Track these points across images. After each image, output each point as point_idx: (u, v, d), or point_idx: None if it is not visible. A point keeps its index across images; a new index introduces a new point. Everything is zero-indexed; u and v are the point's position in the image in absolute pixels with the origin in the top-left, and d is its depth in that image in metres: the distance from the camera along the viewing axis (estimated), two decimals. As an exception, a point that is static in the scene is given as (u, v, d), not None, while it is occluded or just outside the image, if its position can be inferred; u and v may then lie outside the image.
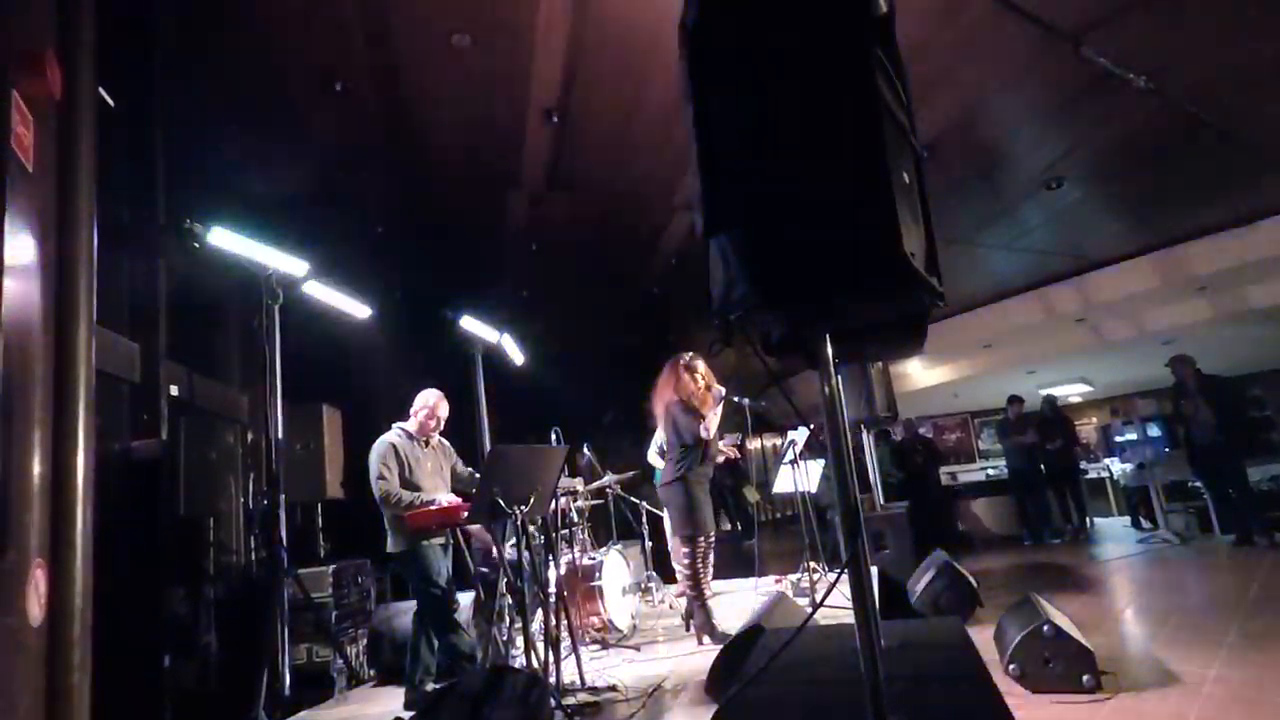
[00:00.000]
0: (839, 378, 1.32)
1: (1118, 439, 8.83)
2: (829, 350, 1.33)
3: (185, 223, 3.22)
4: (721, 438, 4.48)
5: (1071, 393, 13.16)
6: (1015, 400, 8.55)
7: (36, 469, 1.58)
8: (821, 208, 1.16)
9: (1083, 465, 9.24)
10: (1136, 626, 3.97)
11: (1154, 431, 8.36)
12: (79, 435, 1.73)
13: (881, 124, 1.14)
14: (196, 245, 3.59)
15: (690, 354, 4.24)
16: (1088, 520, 8.49)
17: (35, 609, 1.49)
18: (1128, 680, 2.98)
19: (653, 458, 4.92)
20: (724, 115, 1.29)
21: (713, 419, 4.07)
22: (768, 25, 1.28)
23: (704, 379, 4.15)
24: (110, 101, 2.62)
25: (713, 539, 4.18)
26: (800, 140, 1.20)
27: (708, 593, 4.07)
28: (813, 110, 1.19)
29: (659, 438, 4.64)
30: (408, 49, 4.21)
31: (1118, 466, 8.91)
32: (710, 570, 4.17)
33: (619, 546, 4.76)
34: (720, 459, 4.51)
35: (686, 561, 4.01)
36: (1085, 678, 2.88)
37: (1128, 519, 8.60)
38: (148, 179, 3.05)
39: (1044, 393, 9.96)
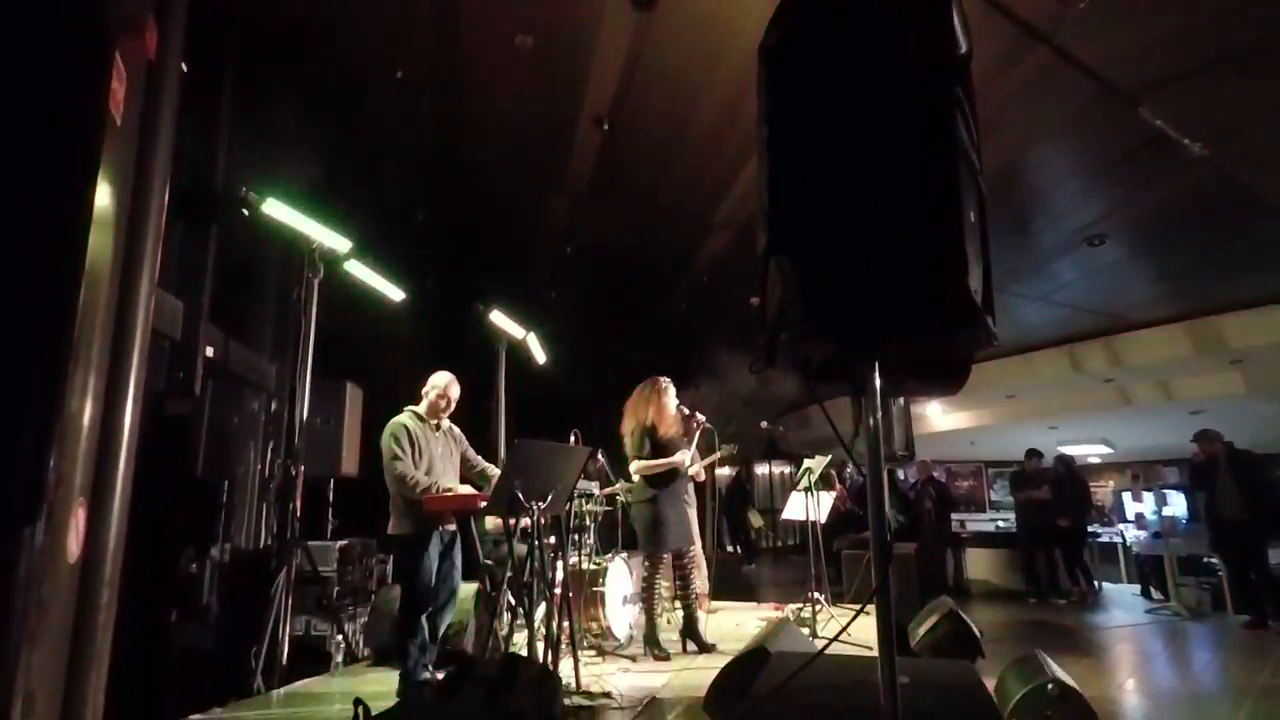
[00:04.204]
0: (882, 409, 1.32)
1: (1135, 505, 8.66)
2: (877, 380, 1.34)
3: (241, 190, 3.31)
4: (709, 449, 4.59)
5: (1091, 452, 12.96)
6: (1033, 454, 8.43)
7: (88, 412, 1.63)
8: (889, 237, 1.17)
9: (1094, 528, 9.06)
10: (1140, 697, 3.88)
11: (1174, 501, 8.20)
12: (129, 386, 1.78)
13: (958, 161, 1.16)
14: (247, 213, 3.69)
15: (665, 378, 4.36)
16: (1096, 584, 8.32)
17: (74, 545, 1.53)
18: (1130, 750, 2.91)
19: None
20: (798, 137, 1.31)
21: (685, 454, 4.21)
22: (850, 54, 1.30)
23: (676, 405, 4.32)
24: (184, 67, 2.69)
25: (693, 554, 4.28)
26: (873, 169, 1.21)
27: (704, 606, 4.21)
28: (889, 141, 1.21)
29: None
30: (471, 43, 4.29)
31: (1131, 533, 8.73)
32: (696, 585, 4.26)
33: (624, 555, 4.75)
34: (701, 478, 4.59)
35: (645, 575, 4.14)
36: (1087, 741, 2.81)
37: (1138, 587, 8.42)
38: (211, 144, 3.14)
39: (1062, 450, 9.80)
